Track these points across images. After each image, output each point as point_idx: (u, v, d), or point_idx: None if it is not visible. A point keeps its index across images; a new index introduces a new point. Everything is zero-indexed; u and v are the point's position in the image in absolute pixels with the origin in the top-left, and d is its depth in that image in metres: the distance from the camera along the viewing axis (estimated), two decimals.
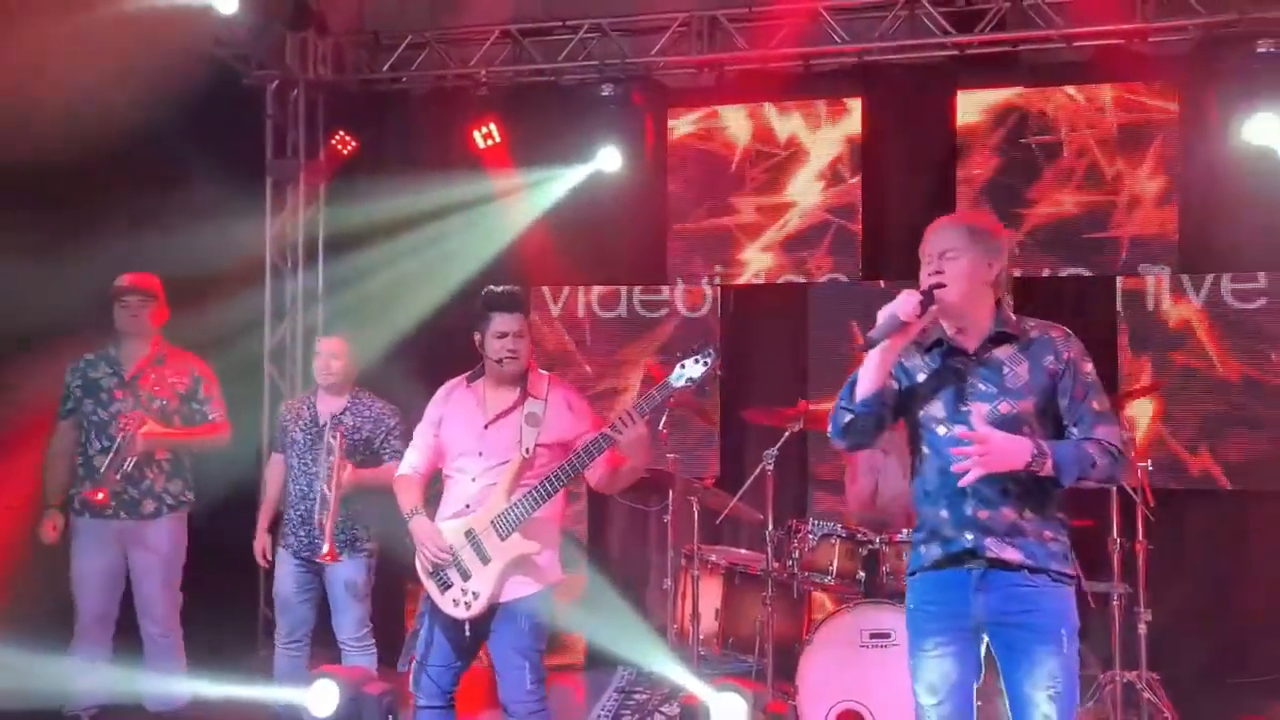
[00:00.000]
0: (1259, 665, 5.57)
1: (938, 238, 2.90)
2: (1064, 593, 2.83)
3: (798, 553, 4.88)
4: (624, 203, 6.53)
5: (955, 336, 2.92)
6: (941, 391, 2.90)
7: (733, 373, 6.54)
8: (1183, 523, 5.69)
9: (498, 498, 3.57)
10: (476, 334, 3.69)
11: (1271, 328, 5.80)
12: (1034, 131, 6.13)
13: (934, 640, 2.89)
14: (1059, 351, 2.85)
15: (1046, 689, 2.78)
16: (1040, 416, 2.83)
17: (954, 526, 2.86)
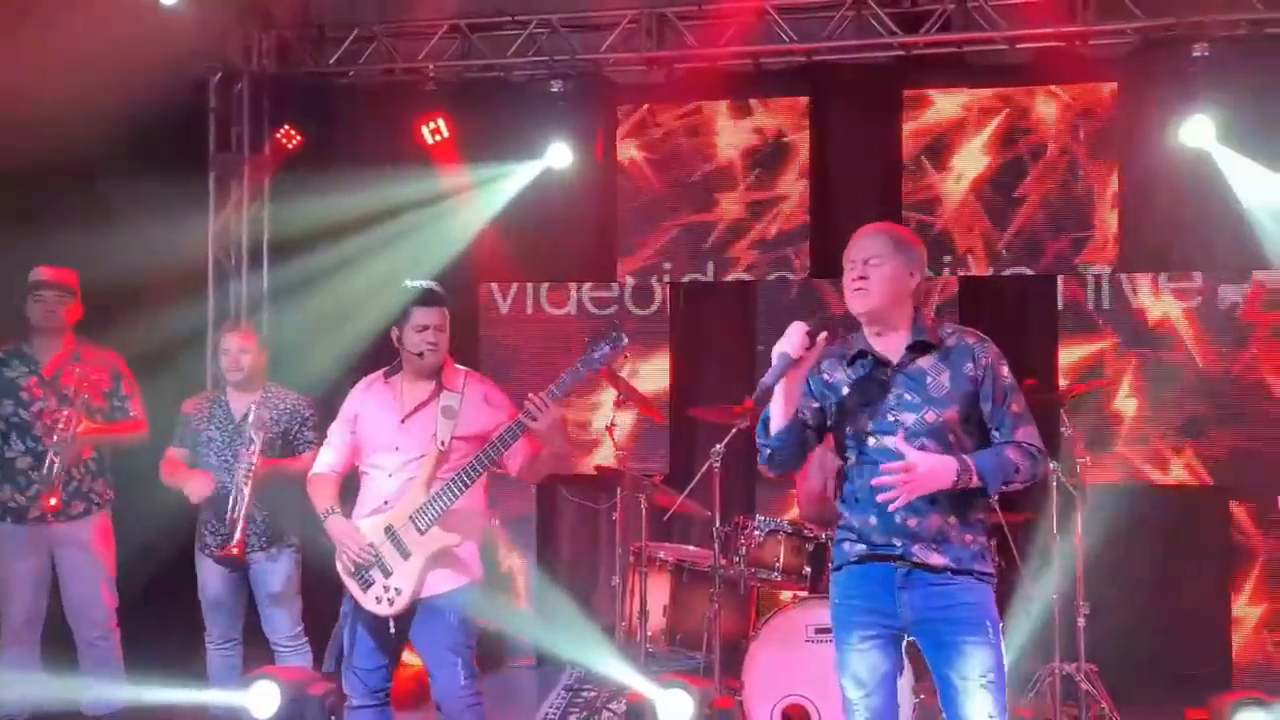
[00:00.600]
0: (1198, 657, 5.70)
1: (863, 244, 2.97)
2: (985, 589, 2.90)
3: (744, 549, 4.91)
4: (573, 199, 6.52)
5: (877, 348, 2.97)
6: (868, 404, 2.94)
7: (683, 370, 6.58)
8: (1124, 518, 5.79)
9: (415, 492, 3.55)
10: (395, 329, 3.67)
11: (1210, 326, 5.93)
12: (975, 133, 6.21)
13: (859, 634, 2.93)
14: (977, 358, 2.91)
15: (980, 678, 2.82)
16: (964, 423, 2.89)
17: (882, 533, 2.90)
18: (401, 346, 3.68)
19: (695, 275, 6.58)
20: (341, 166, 6.43)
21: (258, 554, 4.50)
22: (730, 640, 4.89)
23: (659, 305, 6.60)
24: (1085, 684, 4.82)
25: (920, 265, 2.99)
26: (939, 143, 6.28)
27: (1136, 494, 5.90)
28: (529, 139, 6.34)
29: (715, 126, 6.55)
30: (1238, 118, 5.57)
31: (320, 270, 6.26)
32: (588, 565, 6.64)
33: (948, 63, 6.22)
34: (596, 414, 6.48)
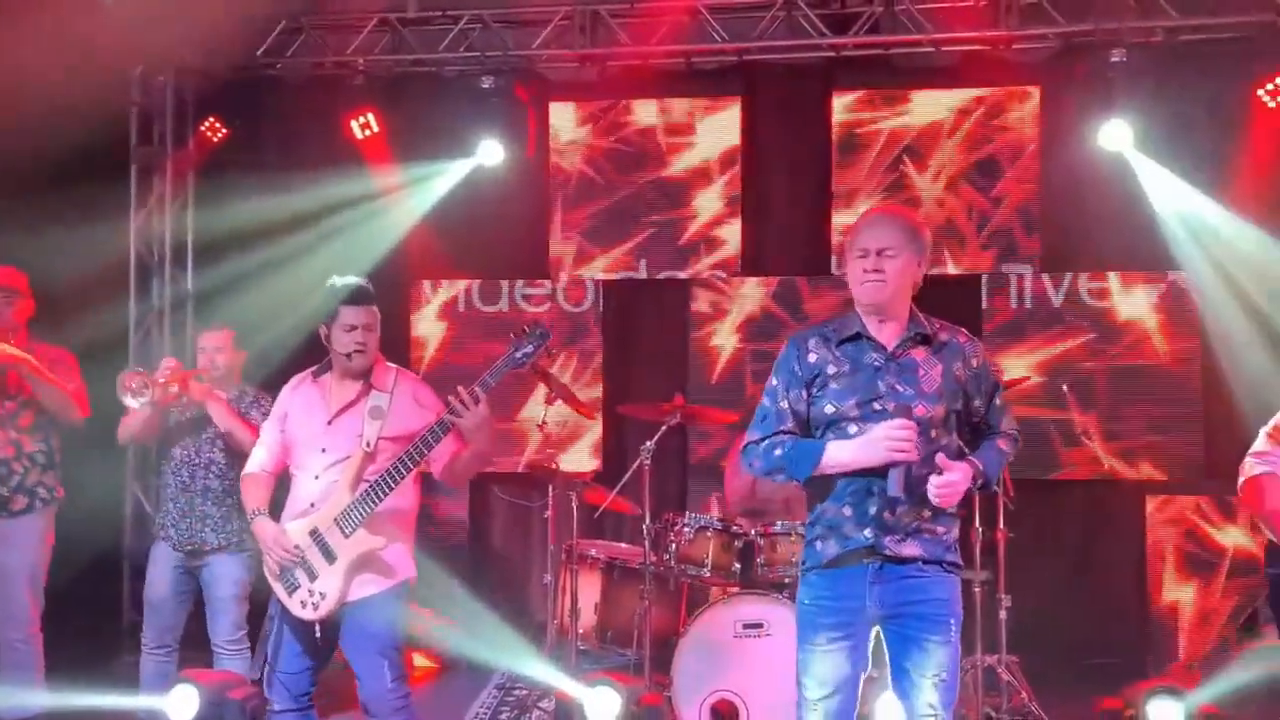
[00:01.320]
0: (1115, 647, 5.86)
1: (877, 233, 2.91)
2: (953, 581, 2.92)
3: (674, 546, 4.94)
4: (506, 196, 6.50)
5: (873, 333, 2.94)
6: (855, 389, 2.90)
7: (614, 367, 6.59)
8: (1045, 512, 5.94)
9: (341, 494, 3.49)
10: (323, 327, 3.60)
11: (1125, 325, 6.09)
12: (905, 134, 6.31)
13: (827, 635, 2.91)
14: (968, 358, 2.94)
15: (933, 677, 2.86)
16: (945, 421, 2.91)
17: (855, 524, 2.89)
18: (330, 346, 3.61)
19: (628, 273, 6.60)
20: (269, 162, 6.34)
21: (216, 554, 4.42)
22: (662, 637, 4.92)
23: (591, 302, 6.60)
24: (1006, 675, 4.93)
25: (928, 255, 2.98)
26: (868, 143, 6.36)
27: (1057, 488, 6.06)
28: (460, 135, 6.29)
29: (647, 124, 6.56)
30: (1153, 122, 5.73)
31: (247, 269, 6.15)
32: (520, 563, 6.63)
33: (876, 64, 6.31)
34: (528, 412, 6.46)
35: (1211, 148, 5.75)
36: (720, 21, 6.25)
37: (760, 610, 4.48)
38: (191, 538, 4.41)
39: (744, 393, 6.30)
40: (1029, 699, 4.89)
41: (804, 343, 2.99)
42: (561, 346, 6.47)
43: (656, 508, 5.32)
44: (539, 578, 5.96)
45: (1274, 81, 5.60)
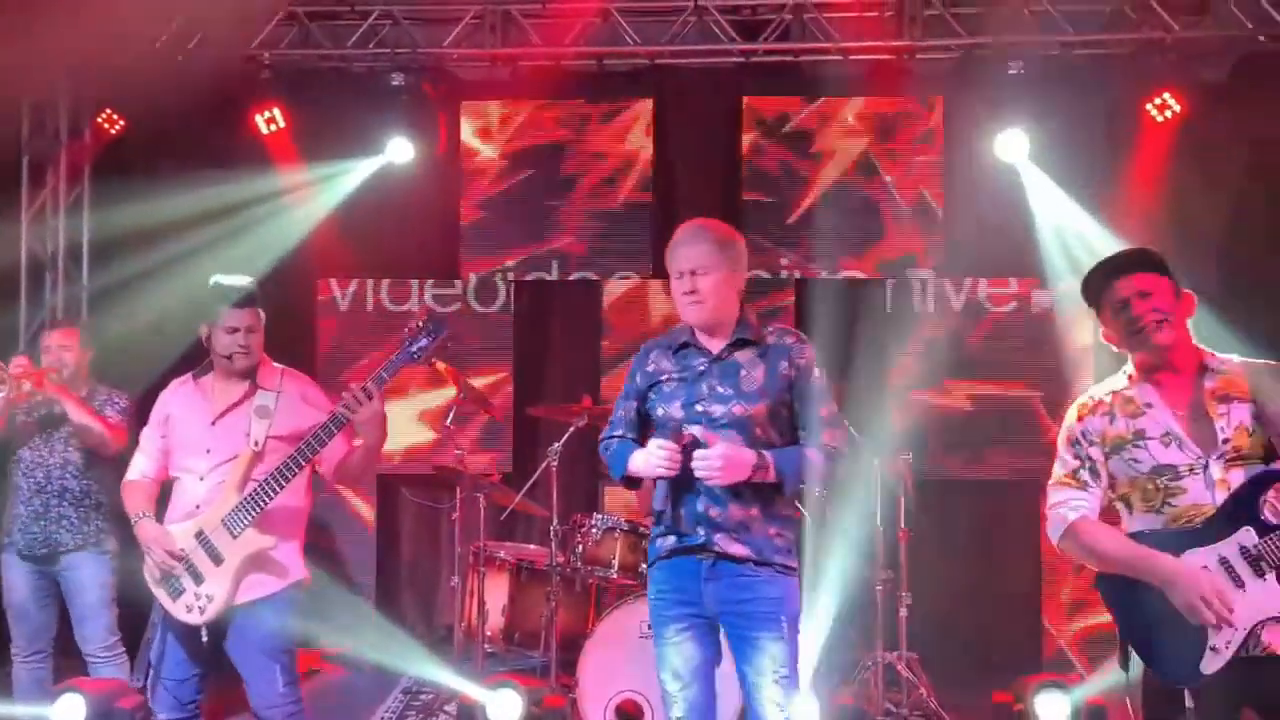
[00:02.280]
0: (1008, 643, 6.03)
1: (687, 253, 3.01)
2: (786, 582, 3.00)
3: (581, 547, 4.95)
4: (416, 195, 6.44)
5: (701, 340, 3.07)
6: (681, 392, 3.03)
7: (526, 369, 6.57)
8: (945, 511, 6.09)
9: (228, 495, 3.43)
10: (204, 328, 3.54)
11: (1022, 329, 6.28)
12: (813, 140, 6.42)
13: (674, 626, 3.02)
14: (793, 357, 3.03)
15: (772, 674, 2.93)
16: (771, 419, 3.00)
17: (688, 522, 2.99)
18: (210, 347, 3.55)
19: (539, 274, 6.59)
20: (171, 157, 6.17)
21: (72, 555, 4.28)
22: (570, 638, 4.93)
23: (502, 303, 6.57)
24: (906, 672, 5.04)
25: (743, 262, 3.08)
26: (779, 148, 6.45)
27: (956, 488, 6.22)
28: (369, 133, 6.22)
29: (559, 125, 6.56)
30: (1047, 134, 5.92)
31: (146, 268, 5.97)
32: (429, 566, 6.57)
33: (785, 71, 6.40)
34: (436, 412, 6.40)
35: (1103, 159, 5.95)
36: (632, 24, 6.28)
37: None
38: (46, 540, 4.28)
39: None
40: (928, 694, 5.00)
41: (648, 353, 3.15)
42: (472, 347, 6.43)
43: (569, 510, 5.35)
44: (448, 580, 5.91)
45: (1161, 97, 5.83)
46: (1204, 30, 5.91)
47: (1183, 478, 2.64)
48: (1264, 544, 2.55)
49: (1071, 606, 6.14)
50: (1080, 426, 2.78)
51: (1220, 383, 2.68)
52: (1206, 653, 2.54)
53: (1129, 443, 2.70)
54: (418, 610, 6.58)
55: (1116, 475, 2.73)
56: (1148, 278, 2.71)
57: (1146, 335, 2.67)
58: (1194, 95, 5.86)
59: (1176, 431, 2.66)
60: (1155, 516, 2.68)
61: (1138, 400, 2.72)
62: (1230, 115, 5.94)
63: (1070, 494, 2.75)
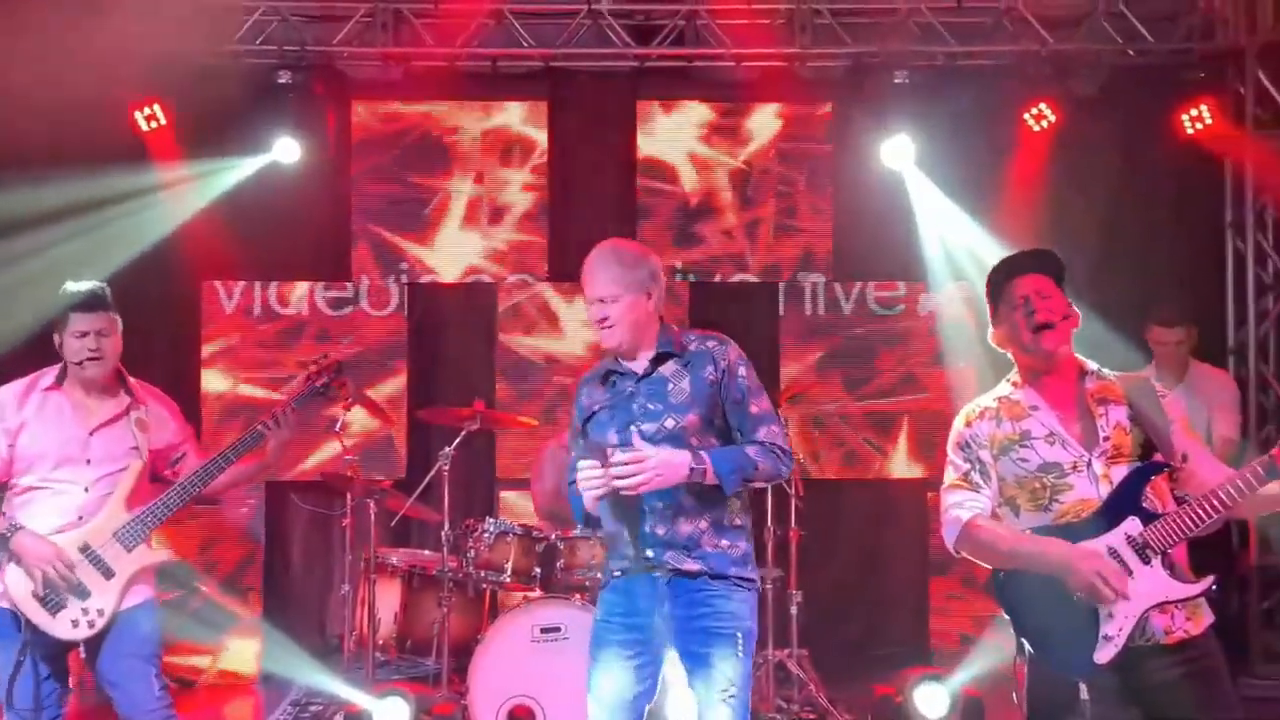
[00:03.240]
0: (895, 637, 6.18)
1: (596, 282, 2.99)
2: (744, 596, 2.94)
3: (473, 552, 4.91)
4: (305, 196, 6.31)
5: (624, 364, 3.04)
6: (615, 417, 3.00)
7: (420, 372, 6.49)
8: (834, 511, 6.22)
9: (115, 508, 3.39)
10: (56, 335, 3.48)
11: (909, 331, 6.44)
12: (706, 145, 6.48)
13: (614, 652, 2.96)
14: (717, 360, 2.98)
15: (722, 694, 2.88)
16: (706, 427, 2.96)
17: (634, 545, 2.95)
18: (62, 353, 3.47)
19: (433, 276, 6.52)
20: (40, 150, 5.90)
21: None
22: (463, 645, 4.88)
23: (396, 306, 6.48)
24: (796, 669, 5.13)
25: (656, 280, 3.02)
26: (672, 152, 6.50)
27: (845, 488, 6.35)
28: (255, 131, 6.07)
29: (453, 126, 6.50)
30: (931, 141, 6.09)
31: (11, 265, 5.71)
32: (320, 574, 6.43)
33: (678, 76, 6.45)
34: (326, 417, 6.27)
35: (984, 166, 6.14)
36: (526, 26, 6.26)
37: (558, 614, 4.50)
38: None
39: (549, 398, 6.32)
40: (817, 690, 5.10)
41: (581, 388, 3.14)
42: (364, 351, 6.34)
43: (465, 515, 5.30)
44: (339, 588, 5.81)
45: (1038, 107, 6.05)
46: (1077, 44, 6.14)
47: (1068, 475, 2.74)
48: (1148, 532, 2.65)
49: (956, 602, 6.31)
50: (969, 431, 2.86)
51: (1098, 386, 2.80)
52: (1100, 641, 2.64)
53: (1016, 443, 2.79)
54: (309, 619, 6.44)
55: (1005, 477, 2.81)
56: (1049, 282, 2.81)
57: (1040, 337, 2.77)
58: (1069, 106, 6.09)
59: (1060, 431, 2.76)
60: (1043, 514, 2.76)
61: (1023, 403, 2.82)
62: (1102, 125, 6.21)
63: (963, 495, 2.83)
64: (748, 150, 6.50)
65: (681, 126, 6.51)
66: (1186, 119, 6.03)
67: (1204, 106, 6.00)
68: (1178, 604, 2.66)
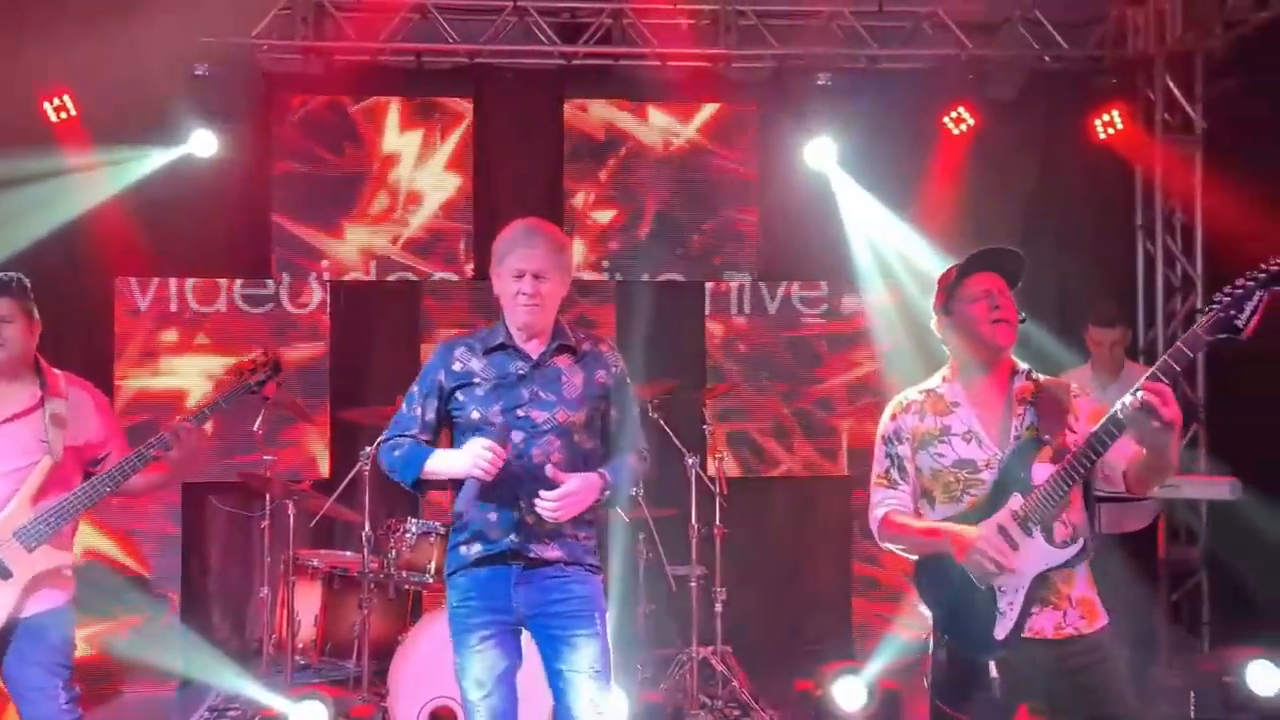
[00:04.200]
0: (820, 633, 6.26)
1: (533, 256, 2.97)
2: (594, 580, 3.06)
3: (394, 552, 4.86)
4: (223, 190, 6.18)
5: (519, 344, 3.04)
6: (500, 397, 2.99)
7: (343, 371, 6.40)
8: (759, 508, 6.27)
9: (20, 506, 3.28)
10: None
11: (834, 331, 6.51)
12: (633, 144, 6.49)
13: (478, 635, 3.00)
14: (609, 366, 3.09)
15: (588, 669, 2.96)
16: (588, 425, 3.05)
17: (500, 528, 2.98)
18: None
19: (356, 273, 6.43)
20: None
21: None
22: (385, 646, 4.83)
23: (318, 303, 6.38)
24: (720, 665, 5.16)
25: (572, 266, 3.13)
26: (600, 151, 6.49)
27: (770, 485, 6.41)
28: (170, 123, 5.92)
29: (377, 122, 6.41)
30: (854, 143, 6.17)
31: None
32: (240, 576, 6.31)
33: (605, 75, 6.45)
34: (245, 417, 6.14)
35: (905, 168, 6.23)
36: (451, 22, 6.20)
37: None
38: None
39: None
40: (740, 686, 5.13)
41: (450, 352, 3.09)
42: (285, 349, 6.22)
43: (388, 515, 5.23)
44: (260, 591, 5.70)
45: (957, 110, 6.17)
46: (995, 49, 6.28)
47: (980, 472, 2.84)
48: (1026, 503, 2.76)
49: (880, 596, 6.40)
50: (894, 425, 2.96)
51: (1022, 388, 2.88)
52: (997, 617, 2.75)
53: (936, 438, 2.89)
54: (229, 623, 6.31)
55: (922, 470, 2.92)
56: (1005, 284, 2.89)
57: (995, 331, 2.84)
58: (987, 109, 6.22)
59: (977, 429, 2.86)
60: (954, 506, 2.88)
61: (947, 399, 2.92)
62: (1019, 129, 6.36)
63: (883, 493, 2.95)
64: (673, 150, 6.51)
65: (608, 125, 6.51)
66: (1099, 124, 6.20)
67: (1115, 112, 6.17)
68: (1057, 571, 2.76)
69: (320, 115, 6.37)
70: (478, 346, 3.06)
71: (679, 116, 6.51)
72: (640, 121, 6.51)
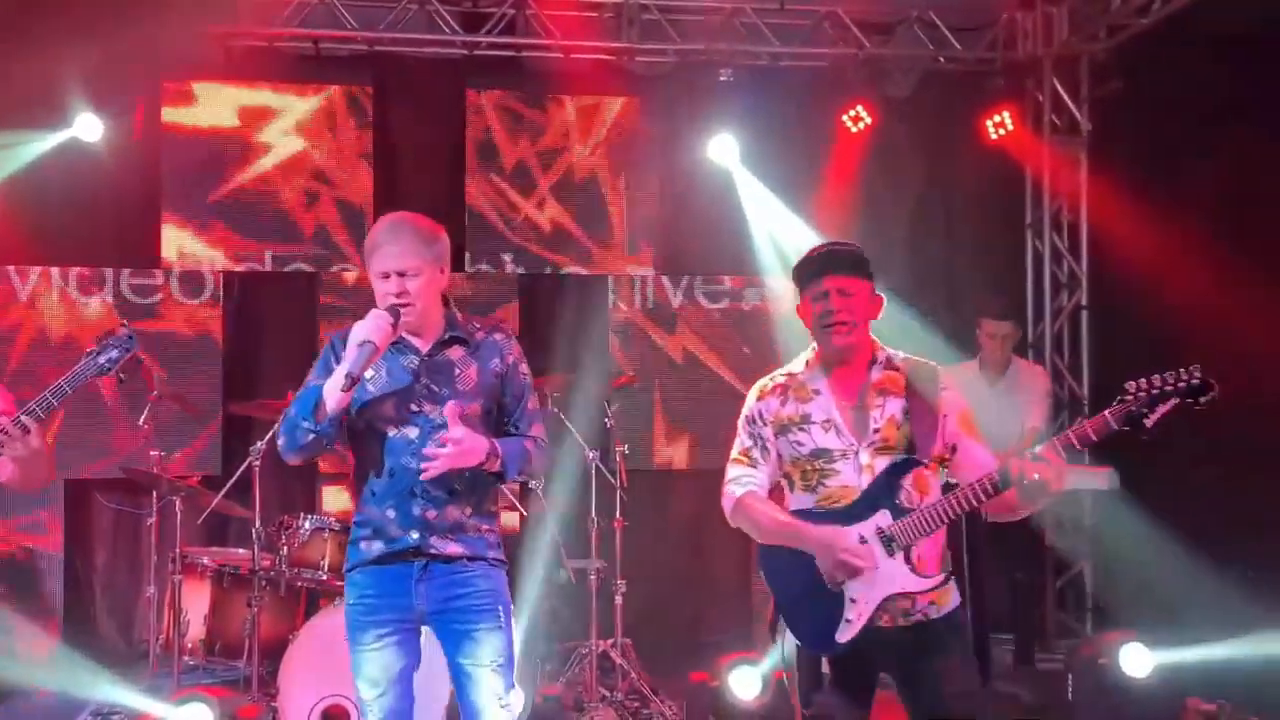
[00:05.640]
0: (721, 624, 6.31)
1: (396, 253, 2.89)
2: (498, 574, 3.02)
3: (286, 549, 4.76)
4: (111, 178, 6.00)
5: (409, 337, 2.98)
6: (393, 392, 2.94)
7: (237, 365, 6.24)
8: (660, 501, 6.30)
9: None
10: None
11: (736, 325, 6.57)
12: (536, 136, 6.45)
13: (375, 633, 2.94)
14: (503, 354, 3.03)
15: (491, 663, 2.93)
16: (485, 416, 2.99)
17: (400, 525, 2.93)
18: None
19: (251, 264, 6.27)
20: None
21: None
22: (277, 645, 4.70)
23: (210, 295, 6.21)
24: (620, 658, 5.17)
25: (447, 256, 3.01)
26: (503, 142, 6.43)
27: (669, 479, 6.44)
28: (54, 107, 5.71)
29: (273, 108, 6.27)
30: (755, 138, 6.23)
31: None
32: (126, 577, 6.11)
33: (509, 66, 6.40)
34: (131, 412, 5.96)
35: (804, 164, 6.31)
36: (350, 9, 6.09)
37: None
38: None
39: None
40: (639, 679, 5.15)
41: (340, 344, 2.96)
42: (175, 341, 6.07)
43: (284, 511, 5.12)
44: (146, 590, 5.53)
45: (855, 108, 6.28)
46: (891, 49, 6.40)
47: (836, 461, 2.88)
48: (896, 526, 2.81)
49: None
50: (758, 406, 2.99)
51: (883, 378, 2.92)
52: (841, 623, 2.80)
53: (795, 425, 2.92)
54: (115, 625, 6.12)
55: (783, 454, 2.95)
56: (853, 280, 2.90)
57: (831, 333, 2.88)
58: (883, 108, 6.34)
59: (836, 419, 2.90)
60: (809, 495, 2.91)
61: (808, 386, 2.94)
62: (915, 128, 6.49)
63: (741, 471, 2.99)
64: (576, 143, 6.50)
65: (511, 116, 6.46)
66: (990, 124, 6.37)
67: (1006, 113, 6.34)
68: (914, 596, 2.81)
69: (214, 102, 6.20)
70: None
71: (582, 109, 6.49)
72: (543, 113, 6.48)
